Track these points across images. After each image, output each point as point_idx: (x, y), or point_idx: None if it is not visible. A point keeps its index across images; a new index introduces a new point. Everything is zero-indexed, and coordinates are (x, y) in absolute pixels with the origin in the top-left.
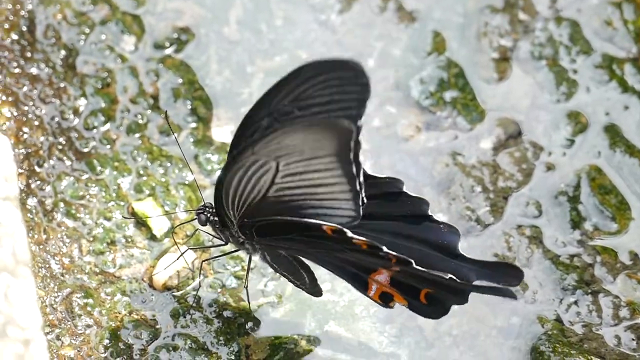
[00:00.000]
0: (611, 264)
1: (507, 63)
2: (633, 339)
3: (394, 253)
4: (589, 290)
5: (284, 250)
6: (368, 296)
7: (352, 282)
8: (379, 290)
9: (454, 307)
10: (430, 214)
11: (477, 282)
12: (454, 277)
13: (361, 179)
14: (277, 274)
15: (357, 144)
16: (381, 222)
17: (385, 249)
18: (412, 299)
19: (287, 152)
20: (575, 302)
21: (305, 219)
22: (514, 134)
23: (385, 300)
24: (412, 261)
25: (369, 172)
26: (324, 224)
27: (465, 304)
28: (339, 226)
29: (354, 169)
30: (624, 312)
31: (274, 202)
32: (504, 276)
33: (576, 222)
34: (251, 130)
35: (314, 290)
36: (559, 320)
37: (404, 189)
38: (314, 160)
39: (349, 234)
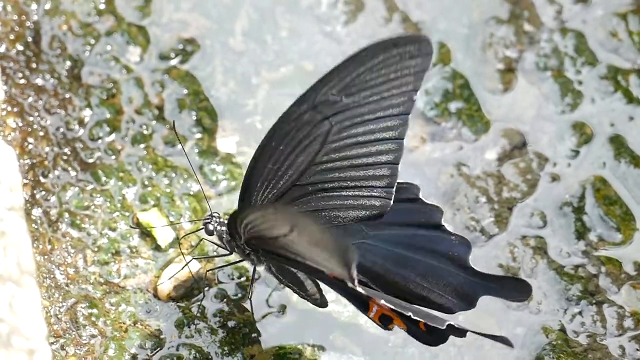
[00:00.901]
0: (616, 275)
1: (512, 74)
2: (637, 350)
3: (391, 307)
4: (594, 301)
5: (290, 266)
6: (368, 317)
7: (353, 301)
8: (379, 313)
9: (459, 317)
10: (443, 223)
11: (484, 296)
12: (453, 324)
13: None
14: (282, 285)
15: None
16: (393, 232)
17: (383, 302)
18: (411, 325)
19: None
20: (580, 313)
21: (309, 262)
22: (519, 145)
23: (384, 322)
24: (410, 314)
25: None
26: (328, 272)
27: (463, 337)
28: (342, 275)
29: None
30: (628, 323)
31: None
32: (512, 291)
33: (581, 232)
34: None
35: (320, 301)
36: (563, 330)
37: (420, 196)
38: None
39: (351, 284)
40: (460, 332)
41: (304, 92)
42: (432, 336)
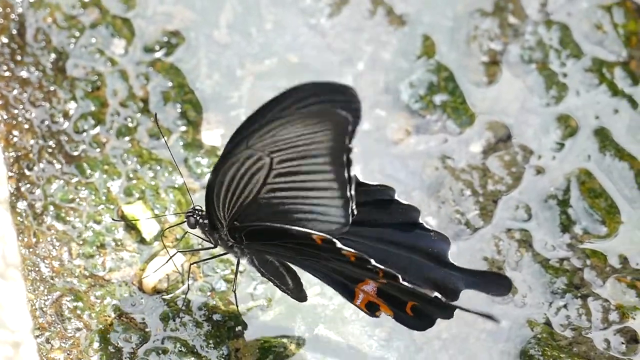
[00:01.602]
0: (600, 268)
1: (496, 67)
2: (622, 343)
3: (382, 267)
4: (579, 294)
5: (272, 256)
6: (355, 305)
7: (339, 290)
8: (366, 300)
9: None
10: (421, 221)
11: (465, 290)
12: (439, 296)
13: (352, 187)
14: (264, 277)
15: (349, 150)
16: (372, 230)
17: (373, 262)
18: (398, 310)
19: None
20: (565, 306)
21: (296, 227)
22: (504, 138)
23: (371, 309)
24: (399, 276)
25: (361, 177)
26: (314, 233)
27: (450, 318)
28: (328, 236)
29: (347, 175)
30: (613, 316)
31: (265, 204)
32: (492, 285)
33: (566, 225)
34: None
35: (299, 295)
36: (548, 323)
37: (396, 197)
38: (308, 159)
39: (338, 244)
40: (447, 312)
41: (236, 130)
42: (418, 321)
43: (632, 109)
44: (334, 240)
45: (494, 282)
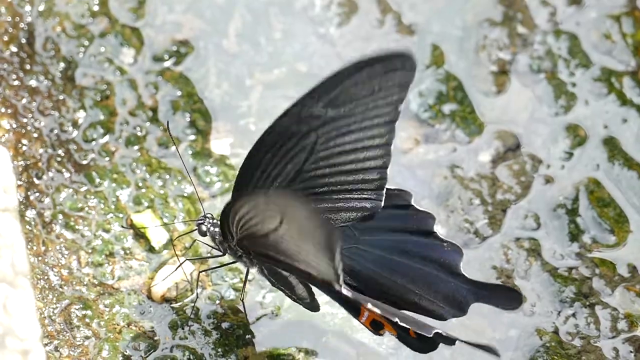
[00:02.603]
0: (609, 277)
1: (505, 76)
2: (631, 352)
3: (379, 312)
4: (587, 303)
5: (280, 269)
6: (359, 321)
7: (344, 306)
8: (370, 318)
9: (452, 320)
10: (435, 230)
11: (474, 304)
12: (440, 332)
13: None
14: (275, 287)
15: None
16: (385, 238)
17: (370, 305)
18: (401, 332)
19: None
20: (574, 315)
21: (297, 265)
22: (513, 147)
23: (375, 327)
24: (397, 320)
25: None
26: (316, 276)
27: (453, 345)
28: (330, 279)
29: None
30: (622, 325)
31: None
32: (502, 299)
33: (574, 234)
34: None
35: (312, 305)
36: (557, 332)
37: (412, 202)
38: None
39: (337, 288)
40: (449, 340)
41: (289, 105)
42: (422, 343)
43: None
44: (334, 284)
45: (505, 295)
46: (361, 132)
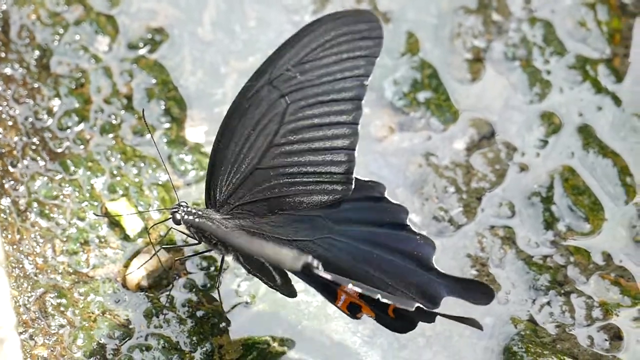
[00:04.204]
0: (584, 265)
1: (480, 64)
2: (606, 340)
3: (359, 290)
4: (562, 291)
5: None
6: (336, 306)
7: (321, 291)
8: (347, 301)
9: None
10: (407, 223)
11: (447, 297)
12: (421, 306)
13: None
14: (250, 274)
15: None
16: (359, 229)
17: (350, 285)
18: (380, 312)
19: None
20: (548, 303)
21: (269, 252)
22: (487, 135)
23: (353, 311)
24: (378, 296)
25: None
26: (290, 264)
27: (432, 322)
28: (305, 263)
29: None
30: (596, 313)
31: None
32: (474, 294)
33: (549, 222)
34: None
35: (288, 291)
36: (532, 320)
37: (385, 195)
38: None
39: (316, 271)
40: (429, 317)
41: (260, 66)
42: (400, 323)
43: (616, 106)
44: (312, 266)
45: (477, 290)
46: (328, 105)
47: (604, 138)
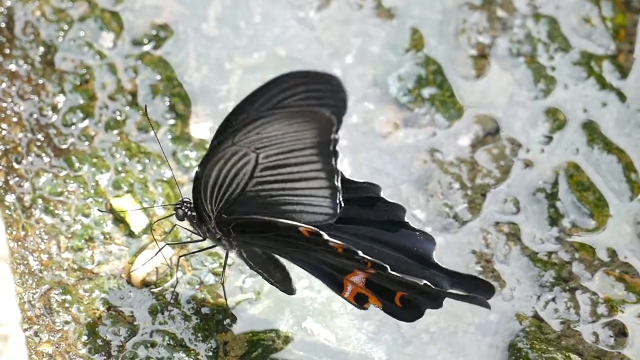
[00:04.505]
0: (589, 261)
1: (485, 60)
2: (611, 336)
3: (369, 257)
4: (567, 287)
5: (260, 248)
6: (343, 297)
7: (327, 282)
8: (354, 292)
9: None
10: (406, 220)
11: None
12: (429, 283)
13: (339, 177)
14: (252, 270)
15: (336, 141)
16: (358, 227)
17: (360, 253)
18: (387, 301)
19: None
20: (553, 299)
21: (283, 220)
22: (492, 131)
23: (360, 301)
24: (387, 266)
25: (349, 170)
26: (301, 226)
27: (439, 308)
28: (315, 229)
29: (334, 164)
30: (601, 309)
31: (253, 196)
32: (475, 290)
33: (554, 219)
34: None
35: (288, 288)
36: (536, 317)
37: (382, 195)
38: (294, 152)
39: (325, 236)
40: (436, 301)
41: (220, 124)
42: (407, 311)
43: (620, 102)
44: (321, 232)
45: (478, 287)
46: (299, 161)
47: (609, 134)
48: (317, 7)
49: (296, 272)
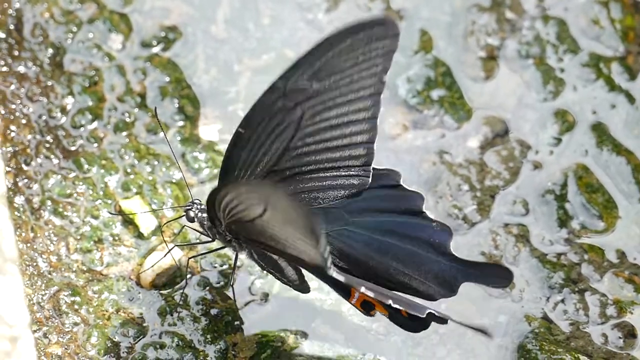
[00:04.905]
0: (598, 263)
1: (494, 62)
2: (620, 337)
3: (372, 295)
4: (576, 289)
5: (271, 253)
6: (350, 303)
7: (334, 288)
8: (361, 299)
9: (441, 305)
10: (424, 210)
11: (465, 283)
12: (432, 311)
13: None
14: (264, 272)
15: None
16: (374, 219)
17: (363, 289)
18: (393, 312)
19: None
20: (562, 301)
21: (290, 251)
22: (501, 133)
23: (366, 308)
24: (390, 302)
25: None
26: (306, 260)
27: (444, 324)
28: (320, 263)
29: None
30: (610, 311)
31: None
32: (492, 277)
33: (563, 220)
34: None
35: (302, 287)
36: (546, 318)
37: (401, 182)
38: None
39: (329, 272)
40: (441, 320)
41: (274, 80)
42: (413, 323)
43: (629, 103)
44: (325, 267)
45: (494, 274)
46: (346, 106)
47: (618, 136)
48: (326, 9)
49: (304, 271)
